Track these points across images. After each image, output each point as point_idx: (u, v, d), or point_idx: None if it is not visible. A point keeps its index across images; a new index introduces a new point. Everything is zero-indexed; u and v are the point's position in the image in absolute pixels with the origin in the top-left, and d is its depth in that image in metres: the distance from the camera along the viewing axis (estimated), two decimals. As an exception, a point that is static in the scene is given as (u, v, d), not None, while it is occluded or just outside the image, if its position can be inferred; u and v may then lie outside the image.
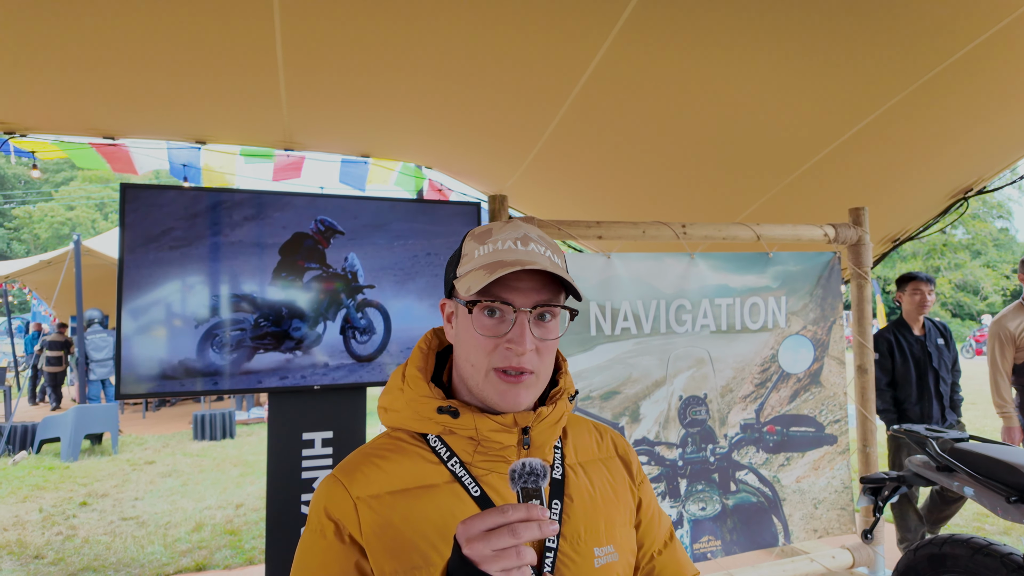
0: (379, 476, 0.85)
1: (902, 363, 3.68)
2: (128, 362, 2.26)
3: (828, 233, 3.13)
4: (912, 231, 4.20)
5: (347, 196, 2.63)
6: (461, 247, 0.91)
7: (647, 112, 3.32)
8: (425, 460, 0.87)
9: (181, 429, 9.12)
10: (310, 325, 2.45)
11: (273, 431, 2.44)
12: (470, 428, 0.85)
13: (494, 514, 0.66)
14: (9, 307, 8.85)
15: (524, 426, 0.86)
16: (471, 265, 0.86)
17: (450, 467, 0.86)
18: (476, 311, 0.84)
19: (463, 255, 0.89)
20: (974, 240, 28.18)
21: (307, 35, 2.74)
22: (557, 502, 0.89)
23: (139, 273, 2.27)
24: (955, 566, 2.07)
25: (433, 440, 0.88)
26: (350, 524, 0.81)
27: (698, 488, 2.89)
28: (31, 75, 3.02)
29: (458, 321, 0.88)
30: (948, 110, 3.12)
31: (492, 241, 0.87)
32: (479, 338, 0.83)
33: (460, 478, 0.85)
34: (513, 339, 0.82)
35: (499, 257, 0.84)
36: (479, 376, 0.85)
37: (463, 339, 0.87)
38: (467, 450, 0.87)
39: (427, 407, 0.87)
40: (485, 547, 0.65)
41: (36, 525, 4.86)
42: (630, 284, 2.84)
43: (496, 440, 0.85)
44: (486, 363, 0.84)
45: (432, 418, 0.87)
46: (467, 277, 0.85)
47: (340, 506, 0.82)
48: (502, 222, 0.92)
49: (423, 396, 0.87)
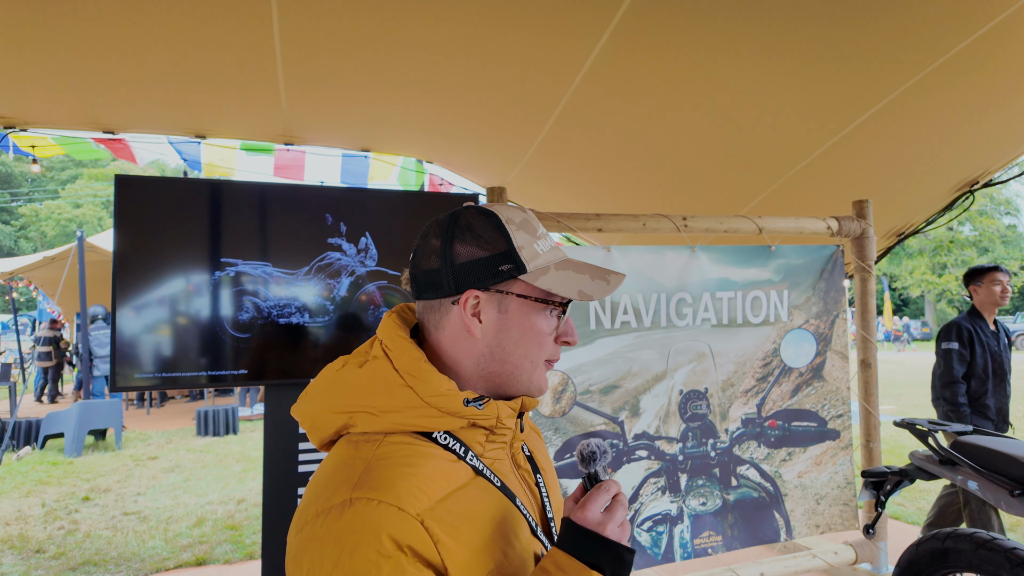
0: (421, 486, 0.74)
1: (981, 355, 3.47)
2: (123, 355, 2.25)
3: (831, 226, 3.09)
4: (917, 225, 4.15)
5: (348, 187, 2.61)
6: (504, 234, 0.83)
7: (647, 104, 3.29)
8: (445, 460, 0.79)
9: (184, 425, 9.14)
10: (311, 319, 2.44)
11: (270, 425, 2.43)
12: (492, 417, 0.82)
13: (601, 494, 0.77)
14: (15, 304, 8.88)
15: (523, 410, 0.89)
16: (542, 261, 0.83)
17: (469, 462, 0.82)
18: (556, 311, 0.85)
19: (519, 247, 0.82)
20: (981, 237, 28.01)
21: (305, 29, 2.73)
22: (539, 476, 0.94)
23: (135, 265, 2.26)
24: (958, 561, 2.04)
25: (443, 437, 0.81)
26: (425, 548, 0.69)
27: (698, 483, 2.86)
28: (30, 70, 3.01)
29: (510, 317, 0.83)
30: (953, 101, 3.08)
31: (541, 236, 0.86)
32: (546, 336, 0.85)
33: (481, 471, 0.82)
34: (570, 333, 0.88)
35: (575, 258, 0.89)
36: (534, 370, 0.86)
37: (523, 336, 0.83)
38: (479, 441, 0.84)
39: (452, 402, 0.79)
40: (614, 524, 0.75)
41: (38, 520, 4.87)
42: (630, 277, 2.82)
43: (508, 426, 0.86)
44: (542, 358, 0.86)
45: (457, 412, 0.80)
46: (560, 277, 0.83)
47: (407, 530, 0.69)
48: (513, 208, 0.88)
49: (447, 390, 0.79)
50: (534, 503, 0.89)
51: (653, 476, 2.80)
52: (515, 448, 0.90)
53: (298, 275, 2.43)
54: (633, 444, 2.78)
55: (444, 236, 0.83)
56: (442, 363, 0.85)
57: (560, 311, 0.85)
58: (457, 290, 0.81)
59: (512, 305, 0.83)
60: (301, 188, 2.57)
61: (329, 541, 0.68)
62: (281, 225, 2.44)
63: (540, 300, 0.83)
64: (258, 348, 2.37)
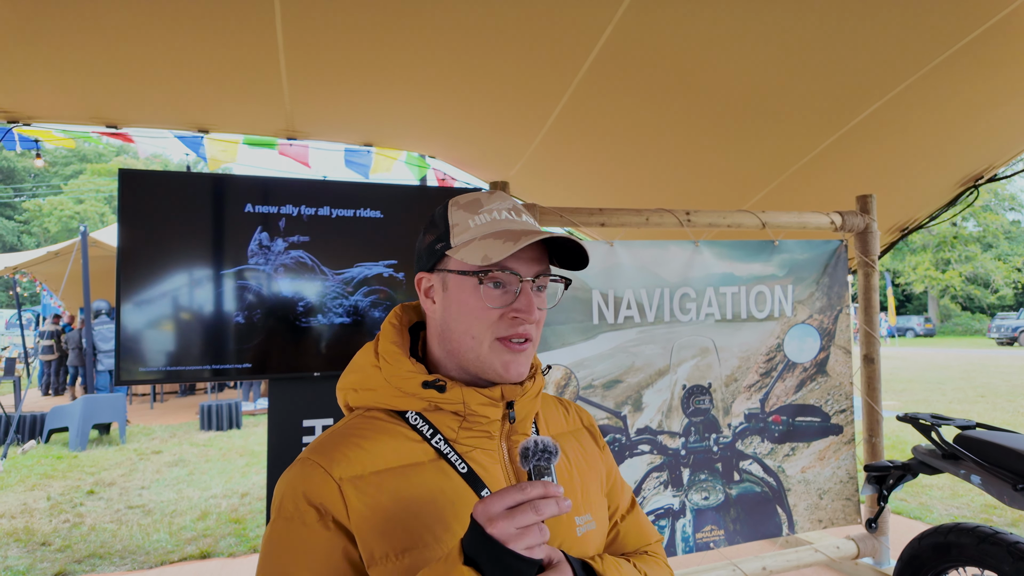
0: (361, 456, 0.80)
1: None
2: (127, 349, 2.25)
3: (835, 221, 3.09)
4: (921, 220, 4.14)
5: (349, 182, 2.61)
6: (445, 217, 0.87)
7: (651, 99, 3.28)
8: (407, 438, 0.83)
9: (188, 419, 9.18)
10: (315, 313, 2.44)
11: (274, 418, 2.44)
12: (457, 402, 0.83)
13: (513, 492, 0.67)
14: (19, 299, 8.91)
15: (510, 400, 0.86)
16: (469, 235, 0.84)
17: (434, 444, 0.83)
18: (486, 282, 0.82)
19: (453, 225, 0.86)
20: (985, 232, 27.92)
21: (308, 23, 2.72)
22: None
23: (139, 259, 2.27)
24: (960, 555, 2.04)
25: (414, 418, 0.85)
26: (335, 508, 0.76)
27: (701, 477, 2.87)
28: (34, 64, 3.01)
29: (450, 294, 0.85)
30: (958, 96, 3.06)
31: (486, 211, 0.86)
32: (484, 309, 0.83)
33: (446, 455, 0.83)
34: (522, 309, 0.83)
35: (505, 227, 0.84)
36: (482, 348, 0.83)
37: (461, 311, 0.84)
38: (451, 426, 0.84)
39: (411, 382, 0.84)
40: (510, 525, 0.65)
41: (44, 513, 4.90)
42: (633, 272, 2.81)
43: (483, 415, 0.84)
44: (490, 334, 0.83)
45: (416, 394, 0.83)
46: (474, 247, 0.82)
47: (321, 489, 0.77)
48: (485, 192, 0.90)
49: (407, 371, 0.84)
50: None
51: (655, 470, 2.80)
52: (514, 441, 0.89)
53: (301, 272, 2.44)
54: (636, 438, 2.78)
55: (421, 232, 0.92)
56: (428, 349, 0.90)
57: (479, 280, 0.82)
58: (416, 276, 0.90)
59: (451, 282, 0.85)
60: (304, 182, 2.57)
61: (278, 489, 0.81)
62: (285, 217, 2.44)
63: (465, 272, 0.83)
64: (262, 342, 2.38)
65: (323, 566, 0.75)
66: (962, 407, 9.39)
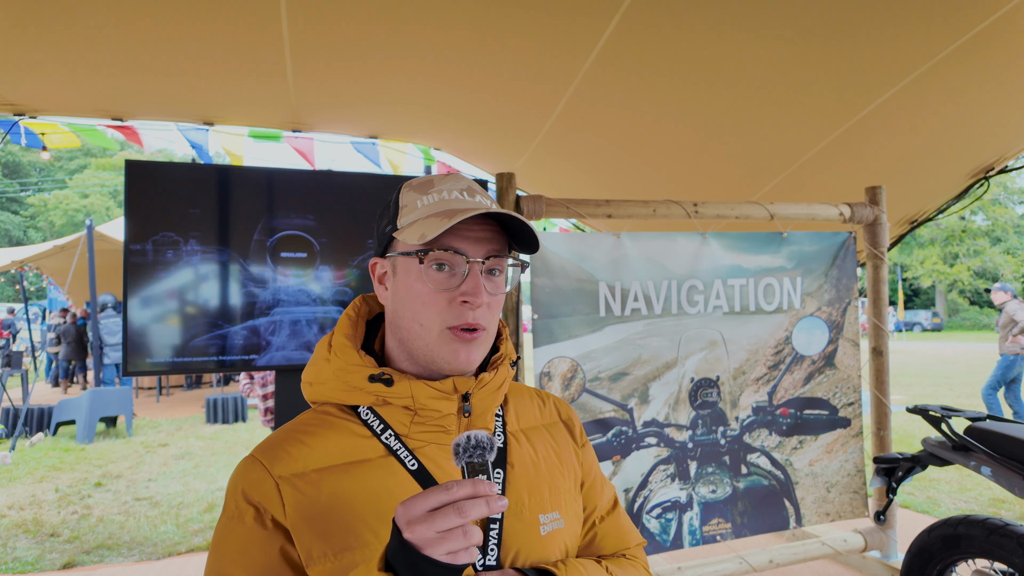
0: (303, 453, 0.78)
1: None
2: (134, 341, 2.25)
3: (844, 212, 3.06)
4: (931, 212, 4.11)
5: (355, 173, 2.60)
6: (396, 199, 0.84)
7: (658, 90, 3.26)
8: (355, 434, 0.80)
9: (194, 413, 9.22)
10: (318, 304, 2.44)
11: (280, 410, 2.44)
12: (406, 396, 0.79)
13: (437, 492, 0.61)
14: (26, 293, 8.95)
15: (464, 392, 0.82)
16: (415, 215, 0.80)
17: (384, 440, 0.80)
18: (427, 263, 0.78)
19: (402, 207, 0.82)
20: (994, 226, 27.73)
21: (313, 15, 2.71)
22: (499, 471, 0.85)
23: (145, 252, 2.26)
24: (970, 547, 2.03)
25: (364, 413, 0.82)
26: (272, 506, 0.75)
27: (708, 471, 2.86)
28: (40, 57, 3.01)
29: (398, 279, 0.81)
30: (968, 86, 3.03)
31: (436, 191, 0.82)
32: (430, 294, 0.78)
33: (395, 451, 0.79)
34: (469, 291, 0.77)
35: (450, 206, 0.79)
36: (430, 337, 0.79)
37: (408, 297, 0.80)
38: (403, 421, 0.81)
39: (357, 376, 0.80)
40: (428, 529, 0.59)
41: (52, 504, 4.93)
42: (640, 264, 2.80)
43: (435, 408, 0.80)
44: (439, 322, 0.78)
45: (363, 388, 0.80)
46: (414, 227, 0.78)
47: (259, 488, 0.75)
48: (442, 174, 0.86)
49: (353, 365, 0.81)
50: None
51: (662, 463, 2.80)
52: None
53: (305, 267, 2.43)
54: (642, 431, 2.77)
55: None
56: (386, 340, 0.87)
57: (419, 260, 0.78)
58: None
59: (399, 266, 0.82)
60: (310, 174, 2.56)
61: (228, 485, 0.80)
62: (288, 213, 2.44)
63: (411, 254, 0.79)
64: (268, 333, 2.38)
65: (260, 566, 0.73)
66: (970, 401, 9.35)
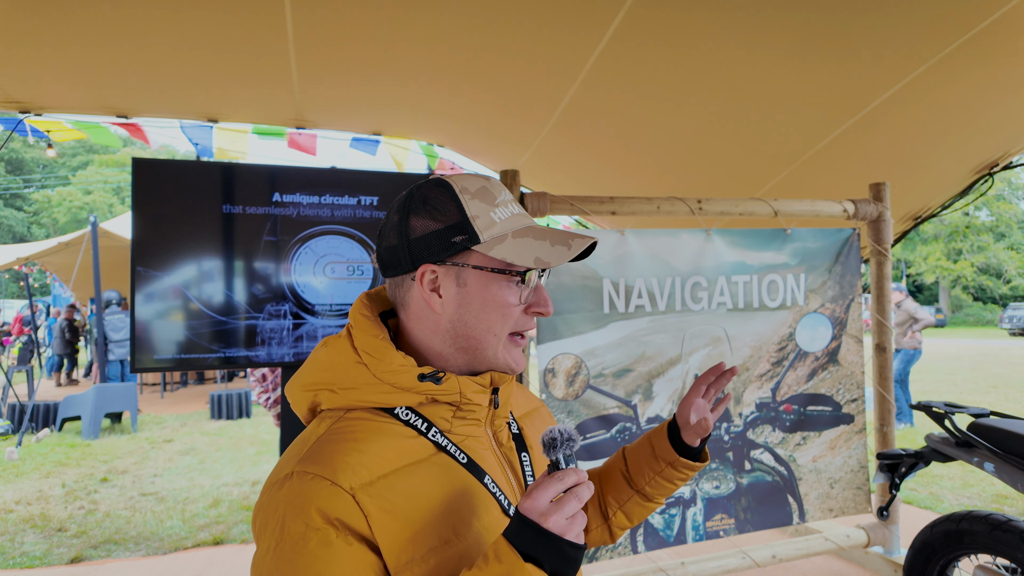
0: (363, 461, 0.74)
1: None
2: (142, 338, 2.27)
3: (847, 209, 3.06)
4: (935, 208, 4.10)
5: (359, 171, 2.61)
6: (459, 205, 0.80)
7: (662, 86, 3.26)
8: (401, 435, 0.79)
9: (198, 409, 9.25)
10: (323, 301, 2.45)
11: (286, 407, 2.45)
12: (454, 393, 0.80)
13: (554, 483, 0.68)
14: (30, 289, 8.99)
15: (495, 386, 0.85)
16: (499, 230, 0.80)
17: (431, 438, 0.81)
18: (515, 279, 0.81)
19: (474, 217, 0.79)
20: (998, 222, 27.62)
21: (317, 12, 2.71)
22: (526, 455, 0.91)
23: (152, 248, 2.28)
24: (973, 543, 2.04)
25: (404, 413, 0.81)
26: (355, 521, 0.70)
27: (712, 467, 2.87)
28: (45, 55, 3.02)
29: (469, 289, 0.80)
30: (972, 82, 3.02)
31: (501, 204, 0.82)
32: (511, 307, 0.81)
33: (445, 447, 0.81)
34: (541, 304, 0.83)
35: (528, 222, 0.83)
36: (500, 344, 0.81)
37: (484, 309, 0.80)
38: (445, 417, 0.82)
39: (406, 377, 0.79)
40: (560, 517, 0.67)
41: (59, 499, 4.97)
42: (644, 261, 2.80)
43: (477, 402, 0.82)
44: (507, 330, 0.82)
45: (412, 388, 0.79)
46: (514, 245, 0.79)
47: (335, 503, 0.70)
48: (481, 177, 0.85)
49: (400, 366, 0.79)
50: (515, 482, 0.87)
51: (666, 459, 2.81)
52: (497, 425, 0.88)
53: (309, 264, 2.44)
54: (646, 427, 2.78)
55: (401, 212, 0.82)
56: (410, 341, 0.84)
57: (520, 279, 0.81)
58: (414, 266, 0.80)
59: (470, 277, 0.80)
60: (314, 171, 2.57)
61: (270, 512, 0.71)
62: (293, 209, 2.45)
63: (498, 270, 0.80)
64: (273, 330, 2.39)
65: None
66: (974, 397, 9.34)
